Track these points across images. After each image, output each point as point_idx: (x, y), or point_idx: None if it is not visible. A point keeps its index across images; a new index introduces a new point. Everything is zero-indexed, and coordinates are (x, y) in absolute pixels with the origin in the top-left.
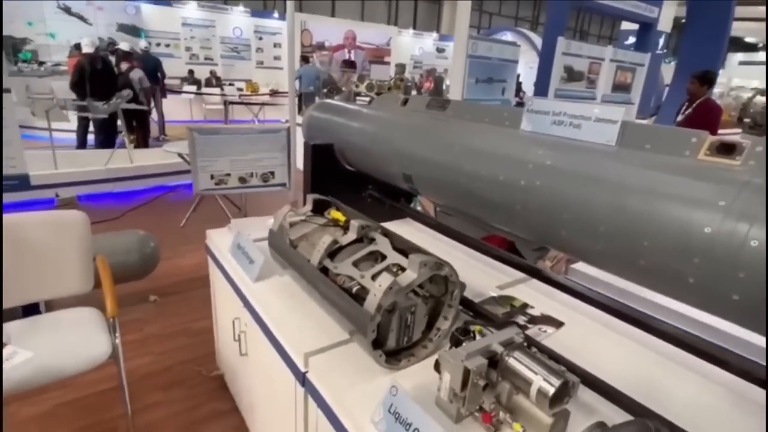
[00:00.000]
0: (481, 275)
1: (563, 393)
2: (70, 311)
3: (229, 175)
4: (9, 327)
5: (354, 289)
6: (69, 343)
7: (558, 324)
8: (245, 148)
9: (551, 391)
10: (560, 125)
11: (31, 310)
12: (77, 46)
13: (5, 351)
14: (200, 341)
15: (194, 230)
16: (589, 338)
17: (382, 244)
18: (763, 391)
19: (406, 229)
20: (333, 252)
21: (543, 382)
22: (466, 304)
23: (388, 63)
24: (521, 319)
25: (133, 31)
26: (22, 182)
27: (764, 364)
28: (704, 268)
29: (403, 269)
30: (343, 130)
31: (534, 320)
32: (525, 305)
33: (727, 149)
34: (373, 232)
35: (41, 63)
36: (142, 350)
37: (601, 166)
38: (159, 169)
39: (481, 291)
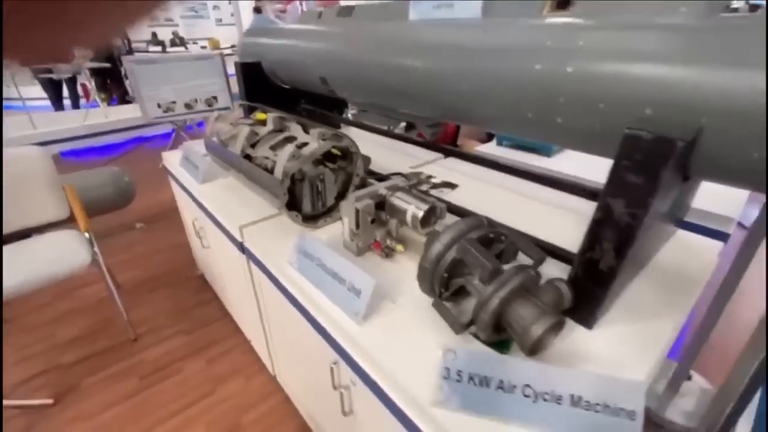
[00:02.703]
0: (397, 160)
1: (431, 215)
2: (51, 234)
3: (175, 102)
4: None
5: (270, 166)
6: (53, 254)
7: (453, 186)
8: (185, 75)
9: (420, 213)
10: (438, 9)
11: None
12: None
13: None
14: (181, 253)
15: None
16: (476, 192)
17: (295, 130)
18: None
19: None
20: (255, 143)
21: (415, 209)
22: (378, 178)
23: None
24: (425, 186)
25: None
26: None
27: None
28: (537, 101)
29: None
30: (271, 49)
31: (435, 186)
32: (429, 176)
33: (564, 3)
34: (289, 122)
35: None
36: (131, 266)
37: (468, 36)
38: (133, 122)
39: (395, 170)
